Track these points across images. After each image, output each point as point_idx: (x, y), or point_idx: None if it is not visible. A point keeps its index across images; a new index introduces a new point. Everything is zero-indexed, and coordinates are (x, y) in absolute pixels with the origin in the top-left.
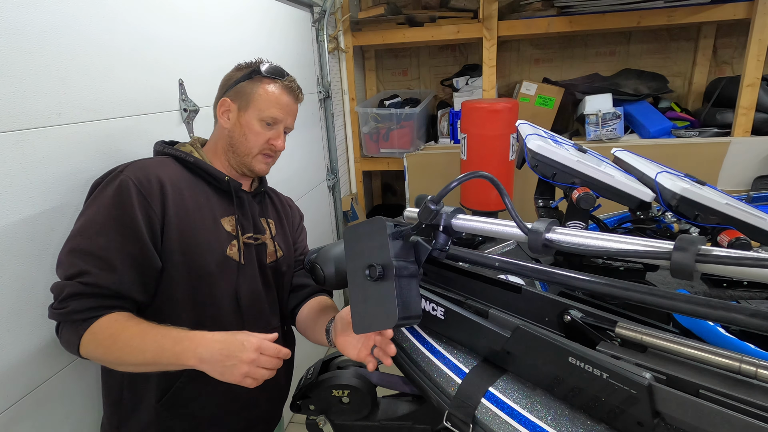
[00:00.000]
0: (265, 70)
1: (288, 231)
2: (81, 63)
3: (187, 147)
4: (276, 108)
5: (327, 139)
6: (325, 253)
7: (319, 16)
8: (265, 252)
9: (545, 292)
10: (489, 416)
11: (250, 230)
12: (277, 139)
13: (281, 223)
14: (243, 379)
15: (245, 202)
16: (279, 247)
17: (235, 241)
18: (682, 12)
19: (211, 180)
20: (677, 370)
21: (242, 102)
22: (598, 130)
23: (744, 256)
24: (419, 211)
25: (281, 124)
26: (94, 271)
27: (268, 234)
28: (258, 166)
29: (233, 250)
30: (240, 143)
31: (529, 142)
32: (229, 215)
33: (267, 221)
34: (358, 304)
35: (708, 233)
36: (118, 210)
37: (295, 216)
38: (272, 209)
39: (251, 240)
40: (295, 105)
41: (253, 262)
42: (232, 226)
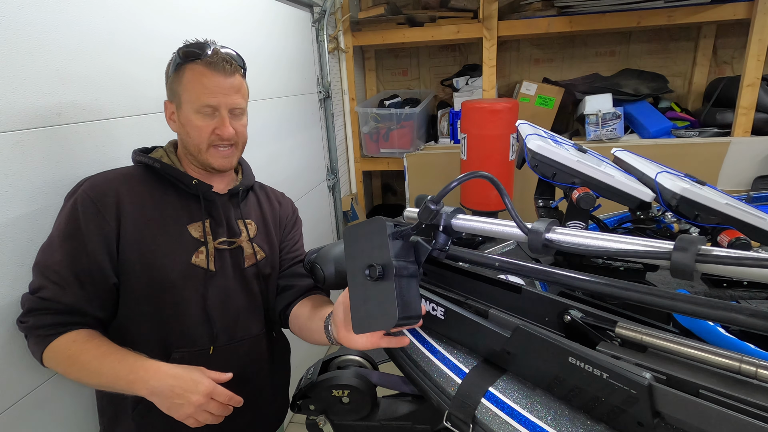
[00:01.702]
0: (182, 55)
1: (274, 230)
2: (81, 63)
3: (159, 152)
4: (205, 93)
5: (327, 139)
6: (325, 253)
7: (319, 16)
8: (242, 256)
9: (545, 292)
10: (489, 416)
11: (222, 234)
12: (221, 126)
13: (265, 222)
14: (186, 419)
15: (217, 205)
16: (259, 248)
17: (203, 247)
18: (682, 12)
19: (180, 185)
20: (677, 370)
21: (176, 100)
22: (598, 130)
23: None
24: (419, 211)
25: (222, 108)
26: (49, 287)
27: (244, 236)
28: (214, 161)
29: (200, 258)
30: (188, 142)
31: (529, 142)
32: (198, 220)
33: (245, 222)
34: (358, 304)
35: (708, 233)
36: (71, 226)
37: (285, 212)
38: (255, 208)
39: (224, 245)
40: (229, 79)
41: (227, 268)
42: (200, 232)
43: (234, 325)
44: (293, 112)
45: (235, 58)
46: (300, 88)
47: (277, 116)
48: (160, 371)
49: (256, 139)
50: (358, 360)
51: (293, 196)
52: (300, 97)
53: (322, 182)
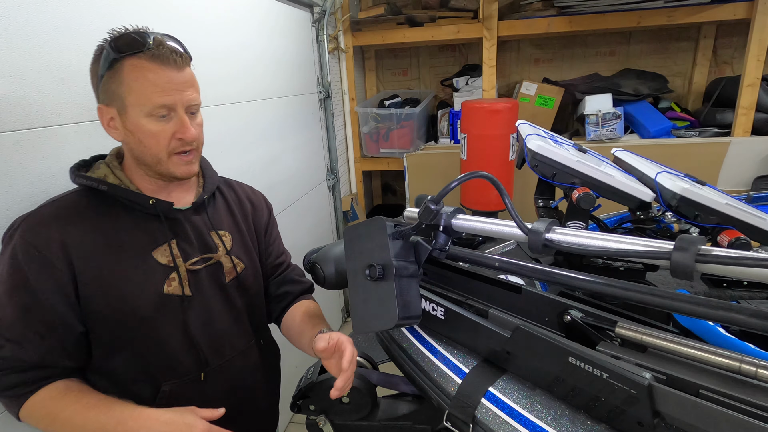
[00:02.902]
0: (117, 47)
1: (249, 237)
2: (81, 63)
3: (102, 169)
4: (157, 93)
5: (327, 139)
6: (325, 253)
7: (319, 16)
8: (221, 271)
9: (545, 292)
10: (489, 416)
11: (195, 253)
12: (182, 129)
13: (239, 229)
14: None
15: (183, 222)
16: (239, 260)
17: (174, 273)
18: (682, 12)
19: (135, 207)
20: (677, 370)
21: (117, 103)
22: (598, 130)
23: (744, 256)
24: (419, 211)
25: (179, 108)
26: (6, 345)
27: (222, 250)
28: (177, 169)
29: (173, 285)
30: (142, 152)
31: (529, 142)
32: (163, 244)
33: (218, 234)
34: (358, 304)
35: (708, 233)
36: (16, 278)
37: (260, 215)
38: (227, 216)
39: (199, 264)
40: (181, 73)
41: (206, 289)
42: (167, 257)
43: (222, 345)
44: (293, 112)
45: (182, 46)
46: (300, 88)
47: (277, 116)
48: (151, 419)
49: (257, 139)
50: (359, 360)
51: (293, 196)
52: (300, 97)
53: (322, 182)
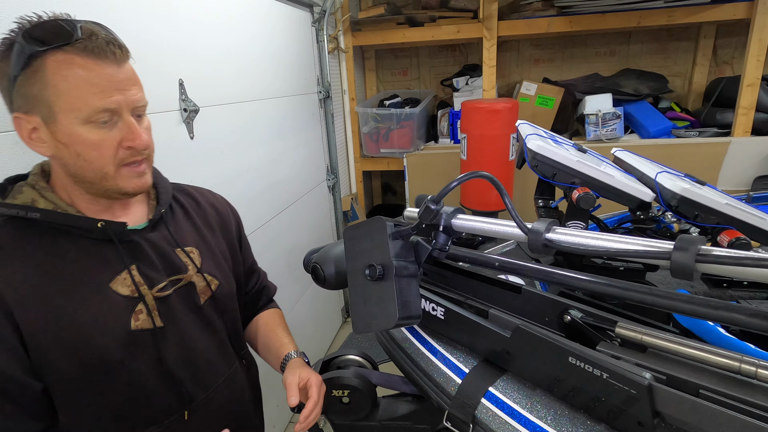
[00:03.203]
0: (36, 39)
1: (218, 249)
2: None
3: (27, 193)
4: (96, 94)
5: (327, 139)
6: (325, 253)
7: (319, 16)
8: (194, 292)
9: (545, 292)
10: (489, 416)
11: (162, 278)
12: (130, 135)
13: (205, 241)
14: None
15: (141, 243)
16: (212, 277)
17: (140, 304)
18: (682, 12)
19: (78, 232)
20: (677, 370)
21: (41, 110)
22: (598, 130)
23: (744, 256)
24: (419, 211)
25: (124, 111)
26: None
27: (192, 269)
28: (128, 184)
29: (141, 318)
30: (82, 168)
31: (529, 142)
32: (122, 272)
33: (185, 251)
34: (358, 304)
35: (708, 233)
36: None
37: (226, 219)
38: (189, 228)
39: (168, 289)
40: (121, 68)
41: (180, 315)
42: (129, 287)
43: (205, 376)
44: (293, 112)
45: (117, 36)
46: (300, 88)
47: (277, 116)
48: None
49: (257, 139)
50: (358, 360)
51: (293, 196)
52: (300, 97)
53: (322, 182)
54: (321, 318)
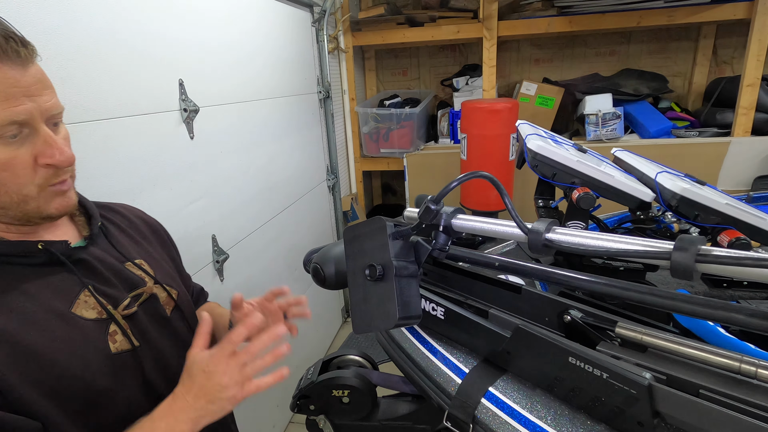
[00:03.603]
0: None
1: (162, 259)
2: (81, 63)
3: None
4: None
5: (327, 139)
6: (325, 253)
7: (319, 16)
8: (159, 304)
9: (545, 292)
10: (489, 416)
11: (123, 295)
12: (48, 150)
13: (149, 252)
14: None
15: (90, 261)
16: (170, 286)
17: (112, 325)
18: (682, 12)
19: (14, 259)
20: (677, 370)
21: None
22: (598, 130)
23: (744, 256)
24: (419, 212)
25: (35, 121)
26: None
27: (149, 280)
28: (52, 206)
29: (118, 340)
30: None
31: (529, 142)
32: (80, 294)
33: (136, 264)
34: (358, 304)
35: (708, 233)
36: None
37: (158, 229)
38: (129, 241)
39: (133, 306)
40: (27, 69)
41: (151, 331)
42: (95, 308)
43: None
44: (293, 112)
45: (16, 31)
46: (300, 88)
47: (277, 116)
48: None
49: (257, 139)
50: (358, 360)
51: (293, 196)
52: (300, 97)
53: (322, 182)
54: (321, 318)
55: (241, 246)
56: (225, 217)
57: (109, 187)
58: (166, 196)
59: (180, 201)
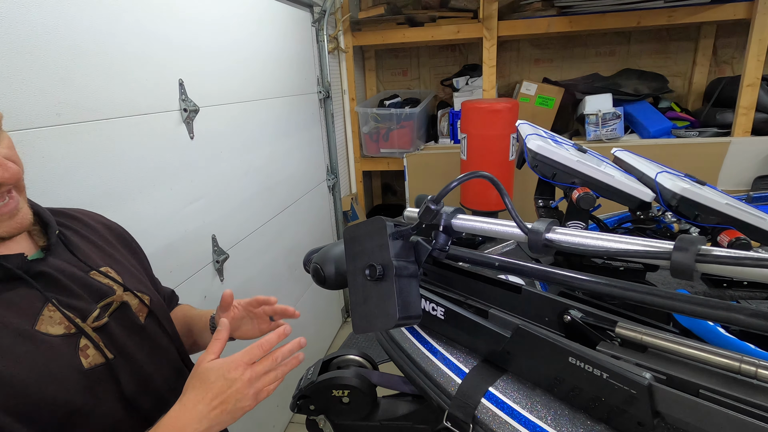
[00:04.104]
0: None
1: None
2: (81, 63)
3: None
4: None
5: (327, 139)
6: (325, 253)
7: (319, 16)
8: (131, 312)
9: (545, 292)
10: (489, 416)
11: (91, 306)
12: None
13: (115, 258)
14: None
15: (51, 274)
16: (141, 292)
17: (83, 339)
18: (682, 12)
19: None
20: (677, 370)
21: None
22: (598, 130)
23: (744, 256)
24: (419, 211)
25: None
26: None
27: (118, 288)
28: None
29: (91, 354)
30: None
31: (529, 142)
32: (43, 309)
33: (101, 272)
34: (358, 304)
35: (708, 233)
36: None
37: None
38: (91, 248)
39: (103, 317)
40: None
41: (125, 341)
42: (61, 323)
43: (162, 396)
44: (293, 112)
45: None
46: (300, 88)
47: (277, 116)
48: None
49: (256, 139)
50: (358, 360)
51: (293, 196)
52: (300, 97)
53: (322, 182)
54: (321, 318)
55: (241, 246)
56: (225, 217)
57: (108, 187)
58: (166, 196)
59: (180, 201)
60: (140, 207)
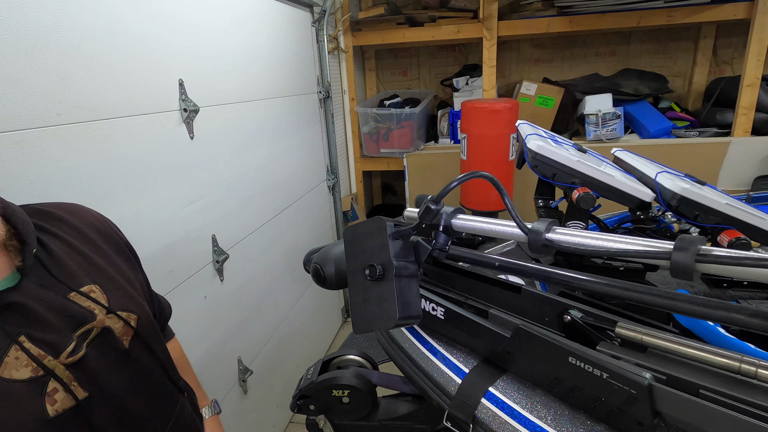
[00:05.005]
0: None
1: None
2: (81, 63)
3: None
4: None
5: (327, 139)
6: (325, 253)
7: (319, 16)
8: (113, 337)
9: (545, 292)
10: (489, 416)
11: (66, 339)
12: None
13: (100, 269)
14: None
15: (23, 304)
16: (126, 312)
17: (51, 381)
18: (682, 12)
19: None
20: (677, 370)
21: None
22: (598, 130)
23: (744, 256)
24: (419, 211)
25: None
26: None
27: (100, 311)
28: None
29: (59, 399)
30: None
31: (529, 142)
32: (8, 350)
33: (82, 293)
34: (358, 305)
35: (708, 233)
36: None
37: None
38: (75, 260)
39: (80, 350)
40: None
41: (105, 372)
42: (29, 365)
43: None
44: (293, 112)
45: None
46: (300, 88)
47: (277, 116)
48: None
49: (257, 139)
50: (358, 360)
51: (293, 196)
52: (300, 97)
53: (322, 182)
54: (321, 318)
55: (241, 246)
56: (225, 217)
57: (109, 187)
58: (166, 196)
59: (180, 201)
60: (140, 207)
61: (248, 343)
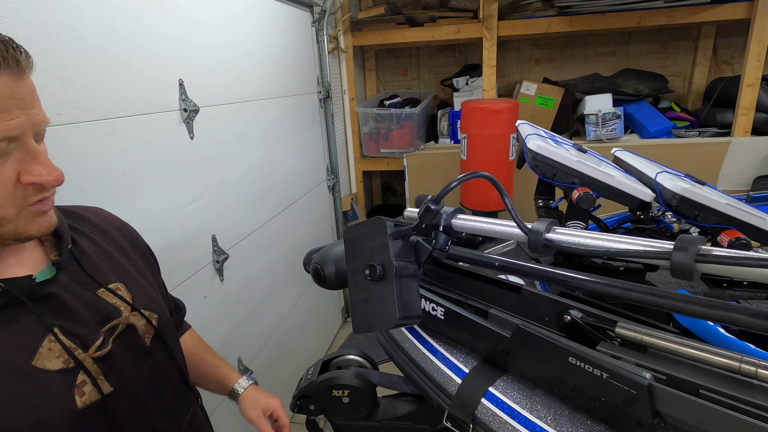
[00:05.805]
0: None
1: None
2: (81, 63)
3: None
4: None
5: (327, 139)
6: (325, 253)
7: (319, 16)
8: (137, 335)
9: (545, 292)
10: (489, 416)
11: (95, 333)
12: (37, 168)
13: (123, 268)
14: None
15: (59, 296)
16: (149, 311)
17: (81, 374)
18: (682, 12)
19: None
20: (677, 370)
21: None
22: (598, 130)
23: (744, 256)
24: (419, 212)
25: (25, 136)
26: None
27: (125, 309)
28: (32, 227)
29: (87, 391)
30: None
31: (529, 142)
32: (44, 339)
33: (110, 290)
34: (358, 305)
35: (708, 233)
36: None
37: (130, 233)
38: (103, 257)
39: (107, 345)
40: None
41: (129, 370)
42: (61, 356)
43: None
44: (293, 112)
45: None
46: (300, 88)
47: (277, 116)
48: None
49: (257, 139)
50: (358, 360)
51: (293, 196)
52: (300, 97)
53: (322, 182)
54: (321, 318)
55: (241, 246)
56: (225, 217)
57: (109, 188)
58: (166, 196)
59: (180, 201)
60: (140, 207)
61: (248, 343)
